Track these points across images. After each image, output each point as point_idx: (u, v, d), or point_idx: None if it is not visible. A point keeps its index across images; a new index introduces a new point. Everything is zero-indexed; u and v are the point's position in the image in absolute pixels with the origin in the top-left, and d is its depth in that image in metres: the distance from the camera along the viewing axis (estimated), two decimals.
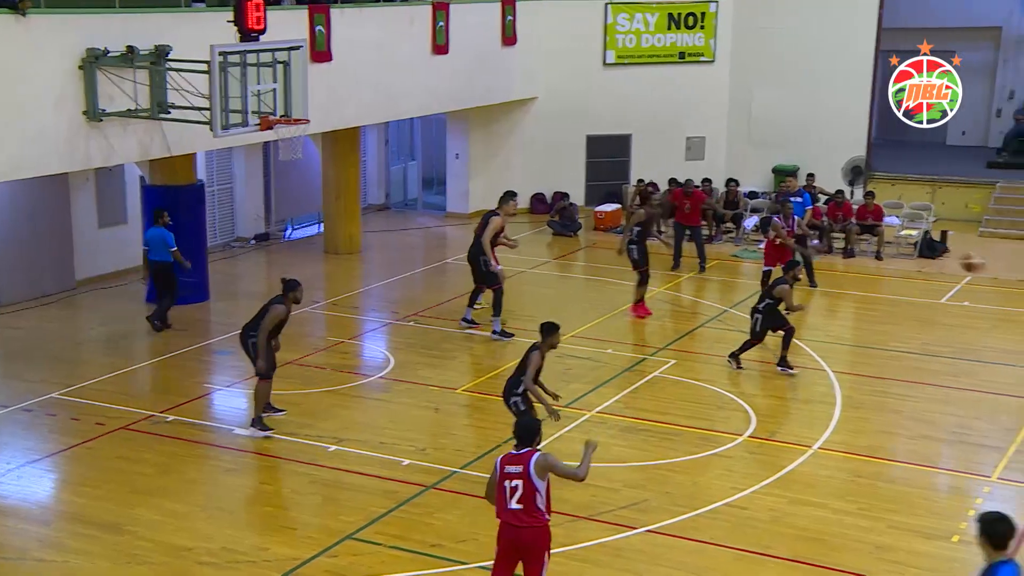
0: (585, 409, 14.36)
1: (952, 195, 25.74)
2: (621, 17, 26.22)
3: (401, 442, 13.40)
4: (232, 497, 12.20)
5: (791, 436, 13.59)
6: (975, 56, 30.44)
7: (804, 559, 10.67)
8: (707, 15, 26.43)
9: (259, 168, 23.88)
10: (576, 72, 26.09)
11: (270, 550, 10.80)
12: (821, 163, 25.27)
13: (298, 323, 18.19)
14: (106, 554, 10.73)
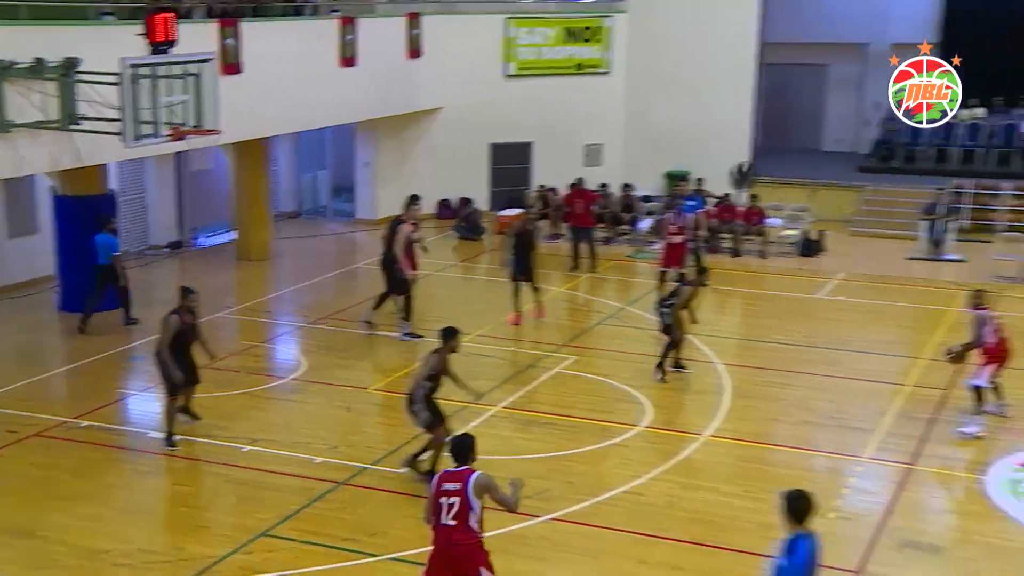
0: (490, 405, 14.37)
1: (828, 197, 26.32)
2: (521, 31, 26.30)
3: (314, 441, 13.29)
4: (148, 499, 12.00)
5: (684, 425, 13.82)
6: (845, 70, 31.36)
7: (697, 540, 10.84)
8: (602, 29, 26.66)
9: (171, 178, 23.48)
10: (479, 83, 26.12)
11: (186, 549, 10.64)
12: (710, 168, 25.62)
13: (212, 328, 17.91)
14: (18, 559, 10.43)
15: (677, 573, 10.19)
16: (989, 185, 25.21)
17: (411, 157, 26.38)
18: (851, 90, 31.37)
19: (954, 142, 27.40)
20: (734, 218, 23.22)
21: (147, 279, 20.83)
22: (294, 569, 10.23)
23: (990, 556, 10.65)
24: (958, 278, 21.13)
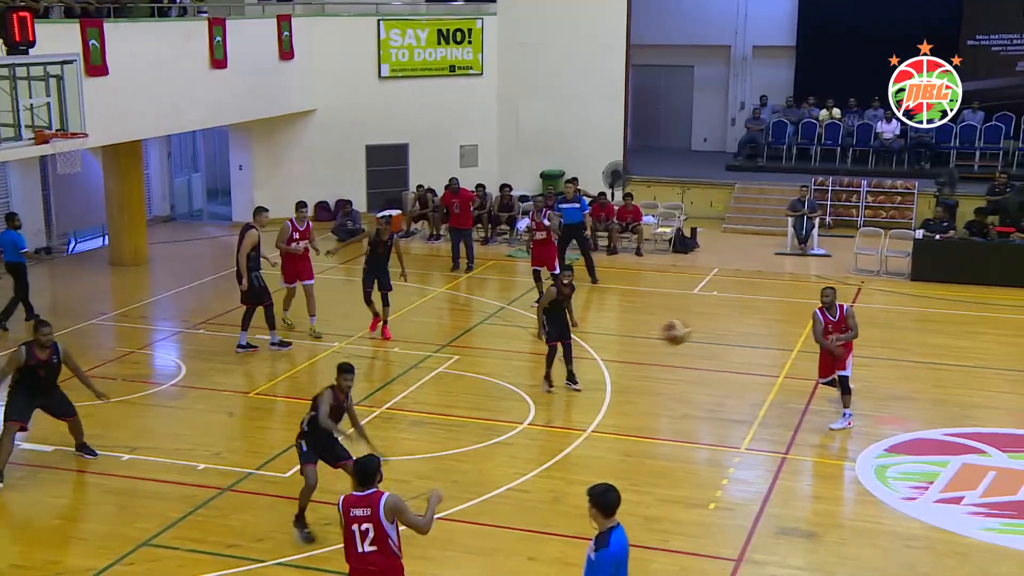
0: (375, 406, 14.26)
1: (699, 195, 26.83)
2: (394, 32, 26.15)
3: (196, 447, 12.99)
4: (20, 513, 11.54)
5: (567, 422, 13.91)
6: (710, 71, 32.04)
7: (584, 535, 10.72)
8: (474, 31, 26.67)
9: (37, 182, 22.70)
10: (353, 85, 25.88)
11: (62, 563, 10.31)
12: (583, 168, 25.84)
13: (87, 335, 17.49)
14: None
15: (567, 569, 10.20)
16: (849, 183, 25.99)
17: (286, 159, 25.99)
18: (717, 91, 32.06)
19: (816, 142, 28.20)
20: (609, 216, 23.47)
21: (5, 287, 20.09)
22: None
23: (862, 538, 10.96)
24: (823, 272, 21.75)
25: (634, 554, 10.31)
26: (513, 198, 24.76)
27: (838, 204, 25.77)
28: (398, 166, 26.70)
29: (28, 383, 11.86)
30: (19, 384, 11.87)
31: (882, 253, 21.78)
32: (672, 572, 10.27)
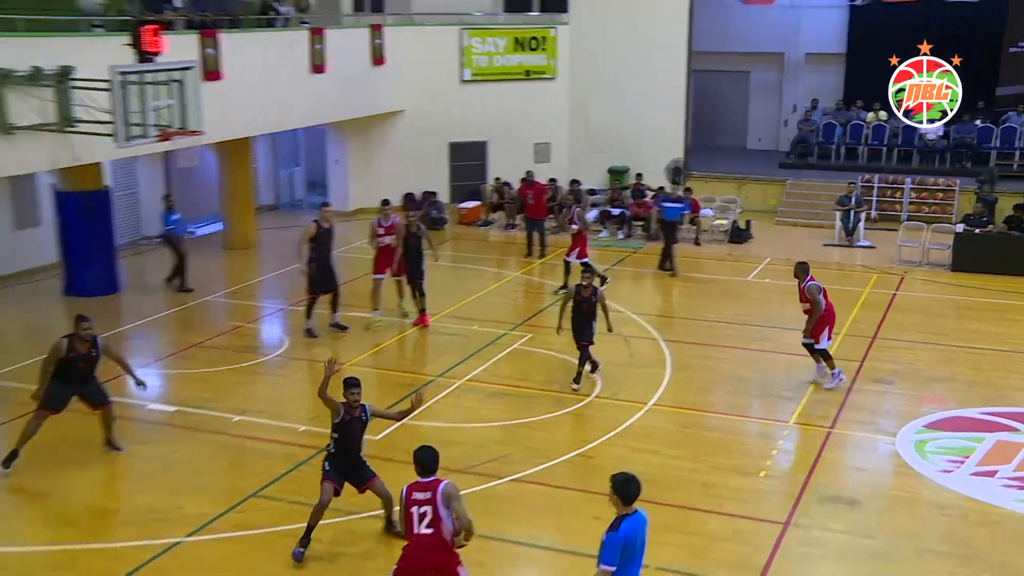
0: (455, 378, 14.43)
1: (753, 190, 26.57)
2: (475, 40, 26.23)
3: (296, 411, 13.27)
4: (149, 464, 11.89)
5: (630, 396, 13.87)
6: (766, 76, 31.70)
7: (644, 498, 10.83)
8: (548, 39, 26.64)
9: (161, 175, 23.20)
10: (438, 88, 26.02)
11: (184, 508, 10.62)
12: (647, 164, 25.80)
13: (204, 309, 17.93)
14: (39, 518, 10.46)
15: None
16: (894, 180, 25.58)
17: (377, 155, 26.25)
18: (771, 94, 31.74)
19: (863, 142, 27.78)
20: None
21: (140, 266, 20.61)
22: (281, 526, 10.26)
23: (901, 507, 10.90)
24: (868, 263, 21.47)
25: (692, 516, 10.49)
26: (581, 191, 24.75)
27: (883, 200, 25.37)
28: (478, 161, 26.81)
29: (67, 374, 11.50)
30: (58, 374, 11.49)
31: (924, 245, 21.45)
32: (725, 532, 10.30)
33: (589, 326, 14.00)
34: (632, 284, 20.38)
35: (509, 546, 10.00)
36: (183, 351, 15.62)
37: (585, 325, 14.00)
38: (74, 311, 17.36)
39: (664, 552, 9.73)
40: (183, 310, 17.94)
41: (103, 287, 18.46)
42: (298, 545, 9.63)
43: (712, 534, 10.25)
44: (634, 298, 19.00)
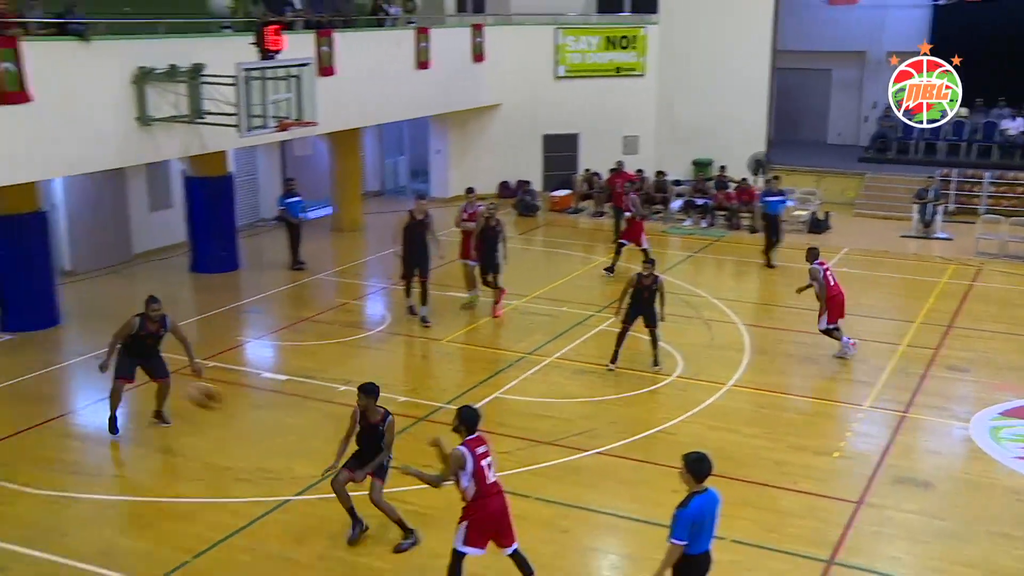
0: (545, 356, 14.40)
1: (833, 183, 25.87)
2: (569, 39, 26.06)
3: (397, 383, 13.39)
4: (262, 428, 12.14)
5: (710, 376, 13.69)
6: (847, 73, 30.81)
7: (722, 473, 10.61)
8: (638, 38, 26.31)
9: (278, 162, 23.62)
10: (533, 83, 25.93)
11: (294, 469, 10.81)
12: (730, 157, 25.35)
13: (315, 286, 18.23)
14: (165, 472, 10.75)
15: None
16: (972, 174, 24.66)
17: (475, 145, 26.31)
18: (852, 91, 30.84)
19: (942, 137, 26.82)
20: (752, 200, 22.93)
21: (258, 246, 21.04)
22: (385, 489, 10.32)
23: (974, 490, 10.54)
24: (945, 254, 20.77)
25: (766, 492, 10.30)
26: (666, 182, 24.47)
27: (961, 194, 24.49)
28: (569, 152, 26.66)
29: (135, 348, 11.60)
30: (127, 348, 11.59)
31: (1003, 238, 20.64)
32: (800, 509, 10.08)
33: (652, 311, 13.77)
34: (714, 270, 20.07)
35: (592, 515, 9.95)
36: (295, 325, 15.90)
37: (648, 310, 13.76)
38: (199, 286, 18.06)
39: (739, 526, 9.59)
40: (296, 287, 18.26)
41: (225, 265, 18.93)
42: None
43: (786, 510, 10.05)
44: (715, 284, 18.73)
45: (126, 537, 9.49)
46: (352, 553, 9.17)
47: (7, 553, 9.08)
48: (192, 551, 9.13)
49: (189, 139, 16.06)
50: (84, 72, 14.36)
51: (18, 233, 15.04)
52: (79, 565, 8.89)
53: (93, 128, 14.57)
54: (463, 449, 7.90)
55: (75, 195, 18.41)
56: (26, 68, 13.34)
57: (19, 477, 10.52)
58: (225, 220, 19.03)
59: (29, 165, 13.92)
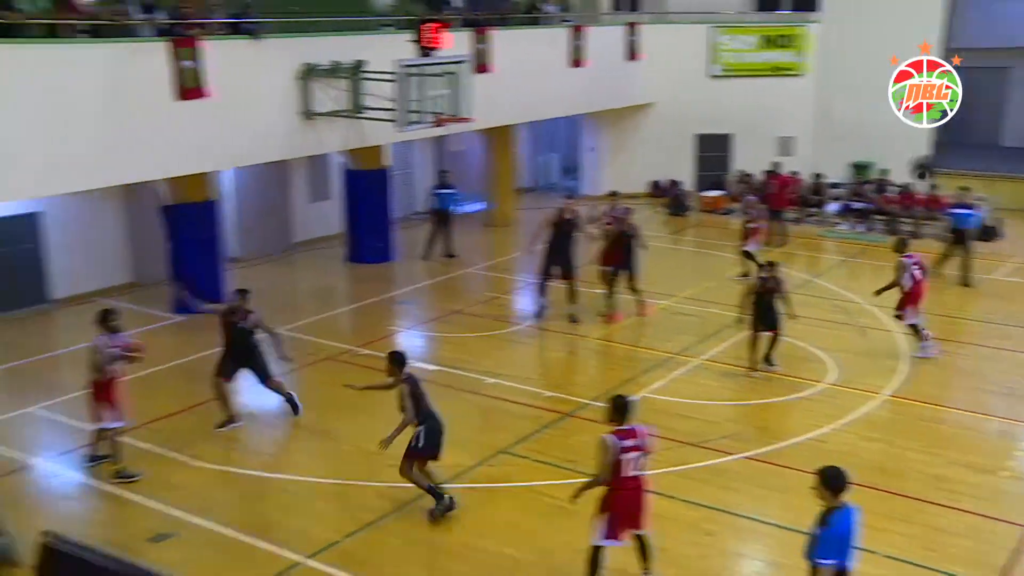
0: (692, 357, 14.20)
1: (1007, 189, 24.45)
2: (725, 37, 25.58)
3: (544, 378, 13.46)
4: None
5: (864, 385, 13.18)
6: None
7: (873, 485, 10.37)
8: (798, 37, 25.58)
9: (433, 157, 24.08)
10: (687, 82, 25.56)
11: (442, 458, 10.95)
12: (891, 160, 24.33)
13: (467, 279, 18.50)
14: (320, 454, 11.11)
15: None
16: None
17: (627, 143, 26.16)
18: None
19: None
20: (914, 205, 21.97)
21: (413, 238, 21.45)
22: (528, 481, 10.43)
23: None
24: None
25: (921, 507, 9.86)
26: (824, 185, 23.70)
27: None
28: (722, 153, 26.17)
29: (233, 342, 11.68)
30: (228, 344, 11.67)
31: None
32: (960, 529, 9.58)
33: (773, 313, 13.46)
34: (871, 276, 19.28)
35: (737, 519, 9.75)
36: (445, 316, 16.19)
37: (769, 312, 13.44)
38: (354, 276, 18.60)
39: (893, 541, 9.22)
40: (447, 279, 18.60)
41: (380, 256, 19.43)
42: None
43: (945, 528, 9.57)
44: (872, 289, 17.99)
45: (284, 514, 9.87)
46: (496, 543, 9.26)
47: (179, 520, 9.61)
48: (344, 531, 9.43)
49: (349, 133, 16.57)
50: (255, 69, 15.03)
51: (192, 220, 15.83)
52: (241, 536, 9.32)
53: (262, 122, 15.23)
54: (610, 437, 7.94)
55: (243, 186, 19.26)
56: (205, 66, 14.07)
57: (189, 449, 11.11)
58: (381, 212, 19.54)
59: (206, 157, 14.70)
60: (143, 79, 13.54)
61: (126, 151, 13.48)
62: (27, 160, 12.36)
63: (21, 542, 8.71)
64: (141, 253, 17.54)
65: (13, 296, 15.97)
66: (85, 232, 16.79)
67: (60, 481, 10.46)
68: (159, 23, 14.20)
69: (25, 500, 10.01)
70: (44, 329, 15.48)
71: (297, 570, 8.80)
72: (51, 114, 12.53)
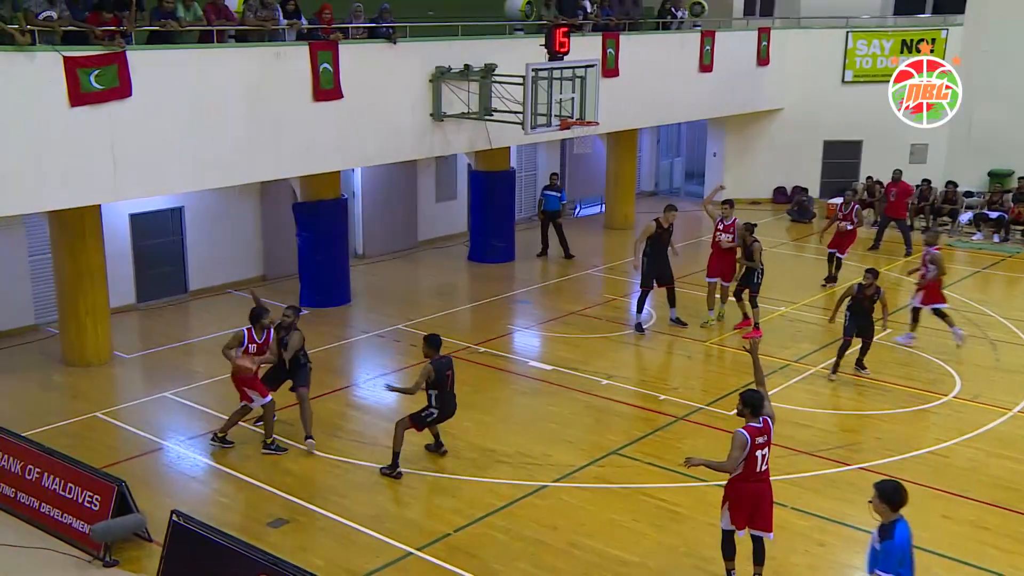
0: (811, 365, 13.80)
1: None
2: (860, 43, 24.74)
3: (658, 381, 13.30)
4: (525, 414, 12.40)
5: (992, 400, 12.58)
6: None
7: (1000, 503, 9.90)
8: (937, 40, 24.51)
9: (557, 159, 24.12)
10: (818, 88, 24.83)
11: (552, 457, 10.99)
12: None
13: (584, 281, 18.46)
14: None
15: (981, 532, 9.35)
16: None
17: (752, 149, 25.61)
18: None
19: None
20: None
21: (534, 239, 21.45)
22: (637, 484, 10.33)
23: None
24: None
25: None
26: (958, 193, 22.67)
27: None
28: (851, 160, 25.32)
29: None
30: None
31: None
32: None
33: (869, 321, 13.26)
34: (1004, 288, 18.39)
35: (851, 531, 9.42)
36: (562, 317, 16.18)
37: (866, 321, 13.23)
38: (475, 275, 18.76)
39: (1020, 563, 8.78)
40: (565, 280, 18.58)
41: (501, 255, 19.56)
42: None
43: None
44: (1005, 302, 17.14)
45: (396, 505, 10.04)
46: (602, 543, 9.20)
47: (295, 506, 9.90)
48: (453, 525, 9.53)
49: (476, 135, 16.75)
50: (389, 71, 15.35)
51: (321, 217, 16.27)
52: (353, 525, 9.53)
53: (393, 123, 15.55)
54: (744, 432, 7.94)
55: (371, 184, 19.69)
56: (340, 68, 14.46)
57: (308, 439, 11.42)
58: (504, 213, 19.66)
59: (338, 156, 15.11)
60: (285, 81, 14.01)
61: (267, 149, 13.98)
62: (179, 156, 12.97)
63: (152, 520, 9.13)
64: (271, 248, 18.14)
65: (156, 286, 16.74)
66: (221, 227, 17.47)
67: (189, 463, 10.90)
68: (301, 27, 14.66)
69: (156, 480, 10.47)
70: (181, 319, 16.18)
71: (407, 561, 8.94)
72: (201, 114, 13.10)
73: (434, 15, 17.05)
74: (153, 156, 12.65)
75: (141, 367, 13.94)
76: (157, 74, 12.49)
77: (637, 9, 21.43)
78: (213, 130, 13.25)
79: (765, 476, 8.11)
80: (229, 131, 13.43)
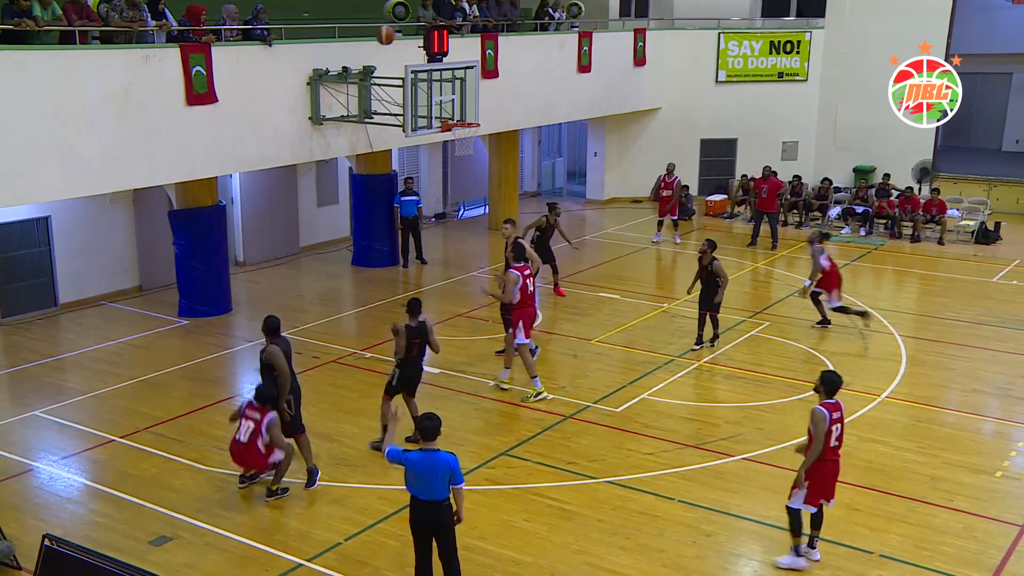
0: (694, 360, 14.17)
1: (1006, 192, 24.42)
2: (732, 43, 25.53)
3: (546, 381, 13.36)
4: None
5: (863, 387, 13.17)
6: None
7: (870, 486, 10.38)
8: (803, 42, 25.51)
9: (439, 161, 24.11)
10: (693, 87, 25.54)
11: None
12: (894, 164, 24.27)
13: (468, 283, 18.47)
14: (322, 456, 11.04)
15: (854, 514, 9.78)
16: None
17: (632, 148, 26.14)
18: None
19: None
20: (915, 209, 21.92)
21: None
22: (528, 484, 10.41)
23: None
24: None
25: (918, 508, 9.83)
26: (829, 189, 23.65)
27: None
28: (727, 157, 26.15)
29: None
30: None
31: None
32: (955, 528, 9.56)
33: (707, 292, 14.52)
34: (871, 279, 19.27)
35: (736, 520, 9.73)
36: (448, 320, 16.19)
37: (705, 291, 14.57)
38: (360, 280, 18.59)
39: (888, 541, 9.22)
40: (450, 283, 18.59)
41: (385, 260, 19.43)
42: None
43: (940, 528, 9.55)
44: (872, 293, 17.97)
45: (284, 516, 9.87)
46: (495, 544, 9.25)
47: (178, 522, 9.62)
48: (344, 533, 9.43)
49: (357, 138, 16.61)
50: (265, 74, 15.07)
51: (198, 225, 15.86)
52: (240, 539, 9.32)
53: (270, 127, 15.27)
54: (822, 409, 8.51)
55: (250, 189, 19.30)
56: (213, 71, 14.11)
57: (191, 453, 11.12)
58: (387, 216, 19.54)
59: (214, 161, 14.72)
60: (155, 85, 13.58)
61: (139, 156, 13.53)
62: (41, 164, 12.42)
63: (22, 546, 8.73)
64: (148, 258, 17.57)
65: (22, 300, 16.01)
66: (92, 236, 16.82)
67: (62, 484, 10.47)
68: (171, 29, 14.24)
69: (25, 504, 10.01)
70: (50, 333, 15.52)
71: (296, 572, 8.80)
72: (64, 119, 12.58)
73: (310, 16, 16.81)
74: (11, 164, 12.07)
75: (7, 385, 13.31)
76: (12, 76, 11.92)
77: (515, 10, 21.59)
78: (78, 136, 12.74)
79: (838, 453, 8.67)
80: (96, 137, 12.94)
